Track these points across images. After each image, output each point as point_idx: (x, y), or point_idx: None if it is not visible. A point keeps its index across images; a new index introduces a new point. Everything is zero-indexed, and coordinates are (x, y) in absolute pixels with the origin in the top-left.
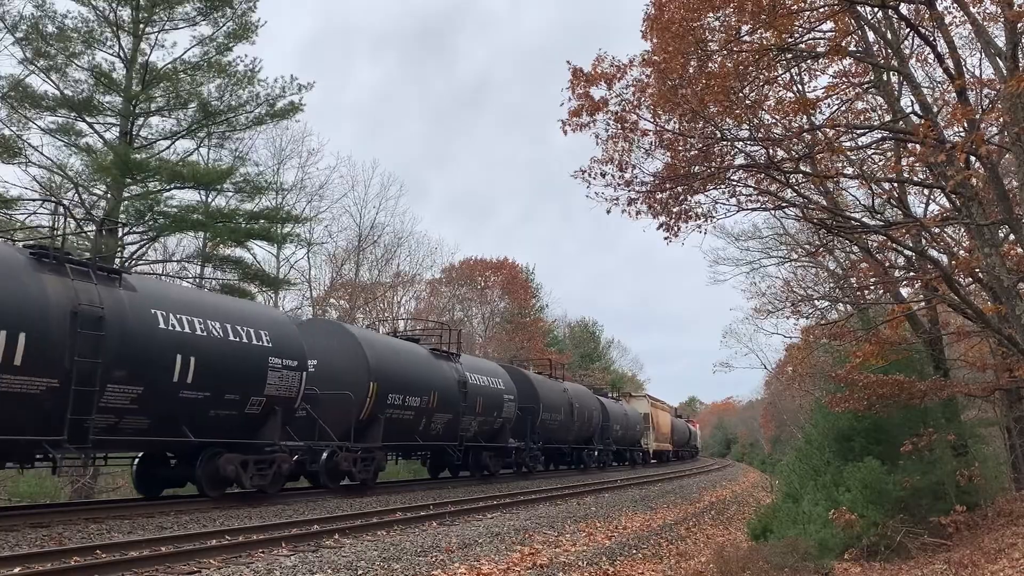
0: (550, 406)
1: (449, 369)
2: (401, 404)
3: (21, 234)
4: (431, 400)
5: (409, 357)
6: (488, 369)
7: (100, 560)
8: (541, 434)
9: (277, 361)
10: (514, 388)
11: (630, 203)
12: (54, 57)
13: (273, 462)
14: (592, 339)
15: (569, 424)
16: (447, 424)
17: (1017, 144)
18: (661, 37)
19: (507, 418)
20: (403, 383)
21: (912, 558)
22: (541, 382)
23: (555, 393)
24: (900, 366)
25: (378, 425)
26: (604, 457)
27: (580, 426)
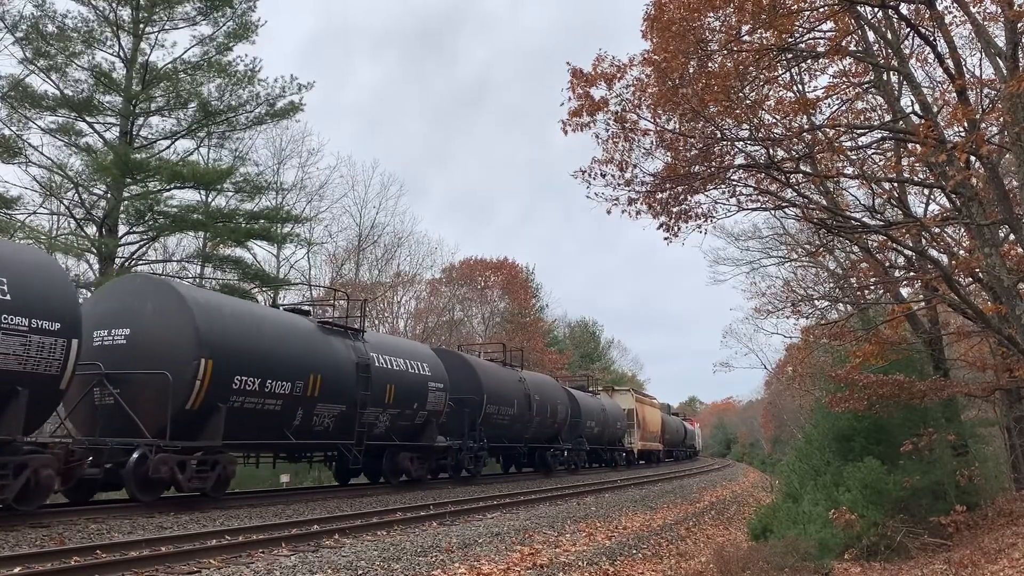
0: (498, 397)
1: (344, 348)
2: (257, 390)
3: (21, 234)
4: (310, 386)
5: (274, 329)
6: (406, 350)
7: (100, 560)
8: (486, 431)
9: (20, 321)
10: (444, 375)
11: (630, 203)
12: (54, 57)
13: (24, 466)
14: (592, 339)
15: (525, 419)
16: (339, 418)
17: (1017, 144)
18: (661, 37)
19: (433, 411)
20: (260, 362)
21: (912, 558)
22: (486, 369)
23: (506, 383)
24: (900, 366)
25: (218, 417)
26: (575, 458)
27: (541, 422)
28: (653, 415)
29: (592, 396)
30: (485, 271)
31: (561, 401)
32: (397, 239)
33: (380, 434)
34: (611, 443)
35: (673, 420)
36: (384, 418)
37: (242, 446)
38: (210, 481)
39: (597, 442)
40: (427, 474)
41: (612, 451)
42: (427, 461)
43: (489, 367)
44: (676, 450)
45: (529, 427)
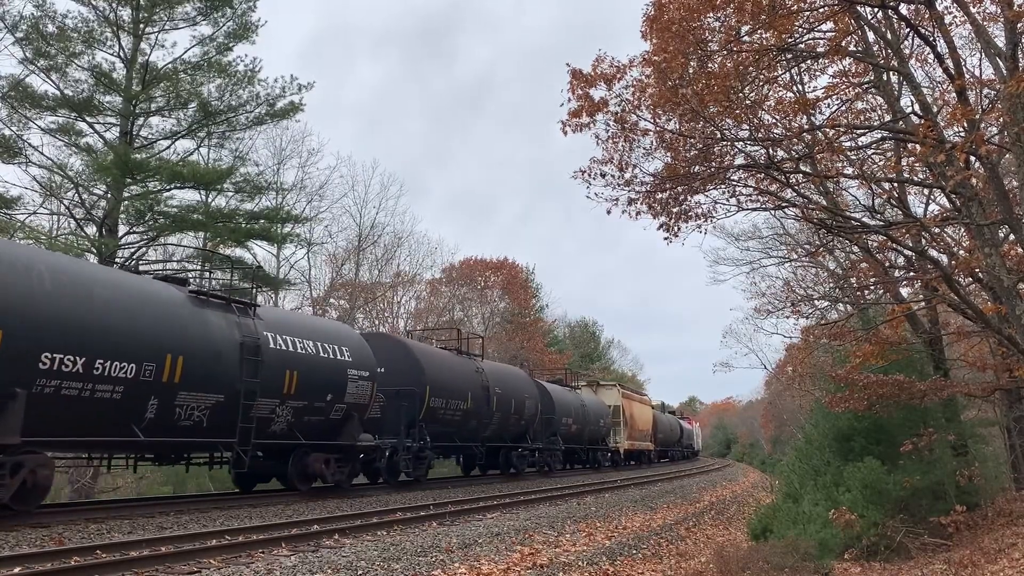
0: (446, 389)
1: (224, 324)
2: (82, 372)
3: (21, 233)
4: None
5: (113, 296)
6: (317, 330)
7: (100, 560)
8: (431, 428)
9: None
10: (372, 362)
11: (630, 203)
12: (54, 57)
13: None
14: (592, 339)
15: (483, 416)
16: (216, 411)
17: (1017, 144)
18: (661, 37)
19: (355, 404)
20: (86, 335)
21: (912, 558)
22: (431, 357)
23: (457, 373)
24: (900, 366)
25: (13, 406)
26: (548, 459)
27: (504, 419)
28: (643, 412)
29: (570, 391)
30: (485, 271)
31: (530, 395)
32: (397, 239)
33: (280, 431)
34: (593, 442)
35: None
36: (284, 412)
37: (64, 444)
38: (7, 490)
39: (575, 441)
40: (348, 479)
41: (594, 451)
42: (348, 464)
43: (435, 355)
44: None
45: (488, 424)
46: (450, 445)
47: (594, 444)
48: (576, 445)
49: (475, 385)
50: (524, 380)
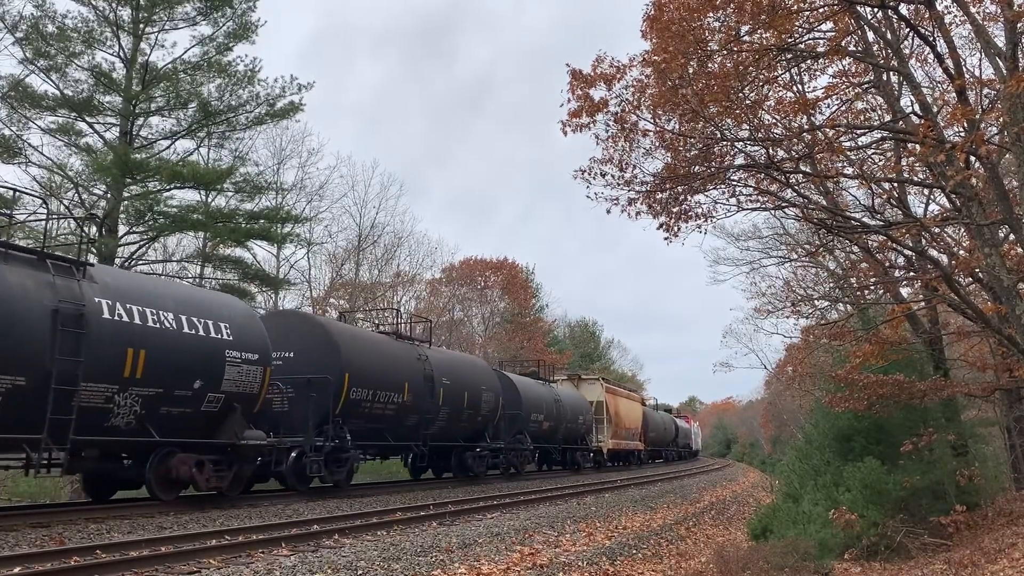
0: (372, 379)
1: (30, 286)
2: None
3: (21, 233)
4: None
5: None
6: (182, 300)
7: (100, 560)
8: (353, 425)
9: None
10: (264, 342)
11: (630, 203)
12: (54, 57)
13: None
14: (592, 339)
15: (426, 410)
16: (15, 398)
17: (1017, 144)
18: (661, 37)
19: (237, 393)
20: None
21: (912, 558)
22: (354, 339)
23: (390, 359)
24: (900, 366)
25: None
26: (513, 460)
27: (454, 415)
28: (631, 409)
29: (543, 385)
30: (485, 271)
31: (489, 388)
32: (397, 239)
33: (120, 426)
34: (571, 441)
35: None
36: (127, 401)
37: None
38: None
39: (548, 440)
40: (233, 485)
41: (572, 451)
42: (231, 467)
43: (361, 338)
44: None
45: (433, 421)
46: (382, 444)
47: (572, 443)
48: (549, 444)
49: (415, 374)
50: (481, 370)
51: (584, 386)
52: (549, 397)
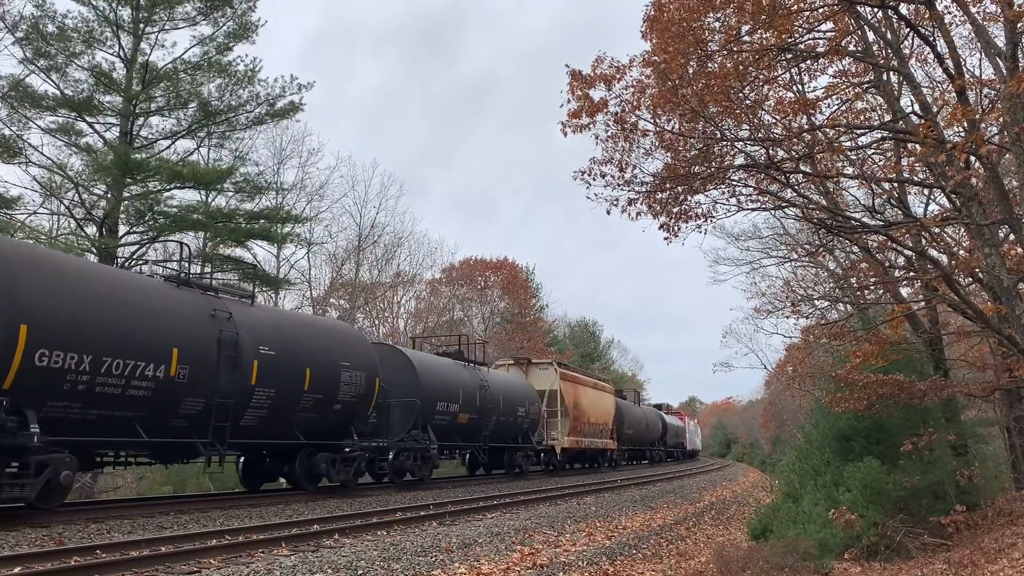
0: (100, 344)
1: None
2: None
3: (21, 234)
4: None
5: None
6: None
7: (100, 560)
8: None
9: None
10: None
11: (630, 203)
12: (54, 57)
13: None
14: (592, 339)
15: (228, 394)
16: None
17: (1017, 144)
18: (661, 37)
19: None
20: None
21: (912, 558)
22: (55, 276)
23: (145, 317)
24: (900, 366)
25: None
26: (405, 464)
27: (285, 404)
28: (597, 401)
29: (465, 367)
30: (485, 271)
31: (358, 367)
32: (397, 239)
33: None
34: (505, 438)
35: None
36: None
37: None
38: None
39: (468, 437)
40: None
41: (512, 451)
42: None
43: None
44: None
45: (242, 408)
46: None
47: (509, 441)
48: (470, 443)
49: (203, 340)
50: (347, 342)
51: (534, 372)
52: (470, 382)
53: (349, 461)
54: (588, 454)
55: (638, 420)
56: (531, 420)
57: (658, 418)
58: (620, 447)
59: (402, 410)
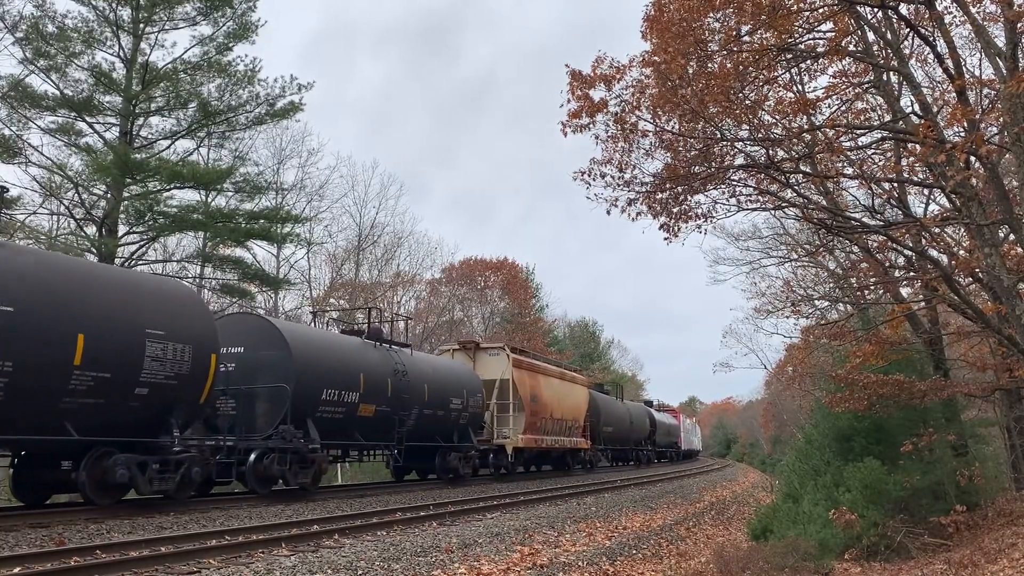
0: None
1: None
2: None
3: (21, 234)
4: None
5: None
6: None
7: (100, 560)
8: None
9: None
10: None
11: (630, 203)
12: (54, 57)
13: None
14: (592, 339)
15: None
16: None
17: (1017, 144)
18: (661, 38)
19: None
20: None
21: (912, 558)
22: None
23: None
24: (900, 366)
25: None
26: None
27: (43, 384)
28: (565, 394)
29: (375, 347)
30: (485, 271)
31: (179, 336)
32: (397, 239)
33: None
34: (434, 435)
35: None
36: None
37: None
38: None
39: (379, 435)
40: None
41: (446, 451)
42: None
43: None
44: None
45: None
46: None
47: (444, 440)
48: (379, 442)
49: None
50: (146, 296)
51: (483, 359)
52: (379, 367)
53: (170, 465)
54: (554, 455)
55: (619, 417)
56: (472, 414)
57: (645, 415)
58: (596, 447)
59: (269, 399)
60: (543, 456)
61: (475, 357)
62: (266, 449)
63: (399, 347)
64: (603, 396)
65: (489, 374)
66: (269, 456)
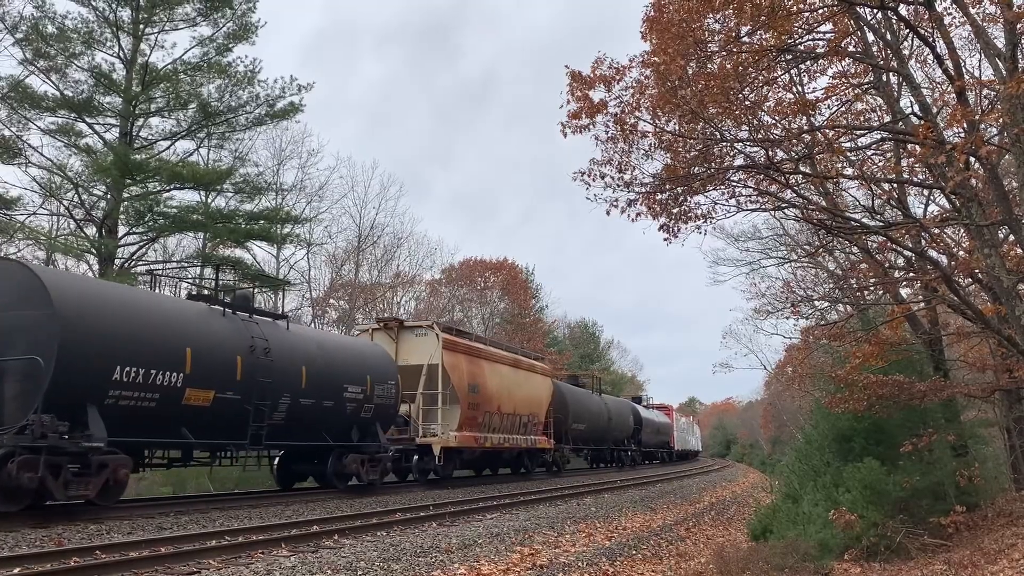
0: None
1: None
2: None
3: (21, 234)
4: None
5: None
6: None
7: (100, 560)
8: None
9: None
10: None
11: (629, 204)
12: (54, 58)
13: None
14: (592, 339)
15: None
16: None
17: (1017, 145)
18: (660, 38)
19: None
20: None
21: (912, 559)
22: None
23: None
24: (900, 367)
25: None
26: (20, 476)
27: None
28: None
29: (223, 315)
30: (485, 271)
31: None
32: (397, 239)
33: None
34: (328, 434)
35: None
36: None
37: None
38: None
39: (224, 432)
40: None
41: (341, 453)
42: None
43: None
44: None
45: None
46: None
47: (338, 438)
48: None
49: None
50: None
51: (407, 340)
52: (226, 340)
53: None
54: (506, 456)
55: (594, 412)
56: (380, 406)
57: (628, 411)
58: (563, 446)
59: (20, 376)
60: (492, 458)
61: (399, 338)
62: (12, 449)
63: (267, 318)
64: (573, 388)
65: (415, 358)
66: (14, 460)
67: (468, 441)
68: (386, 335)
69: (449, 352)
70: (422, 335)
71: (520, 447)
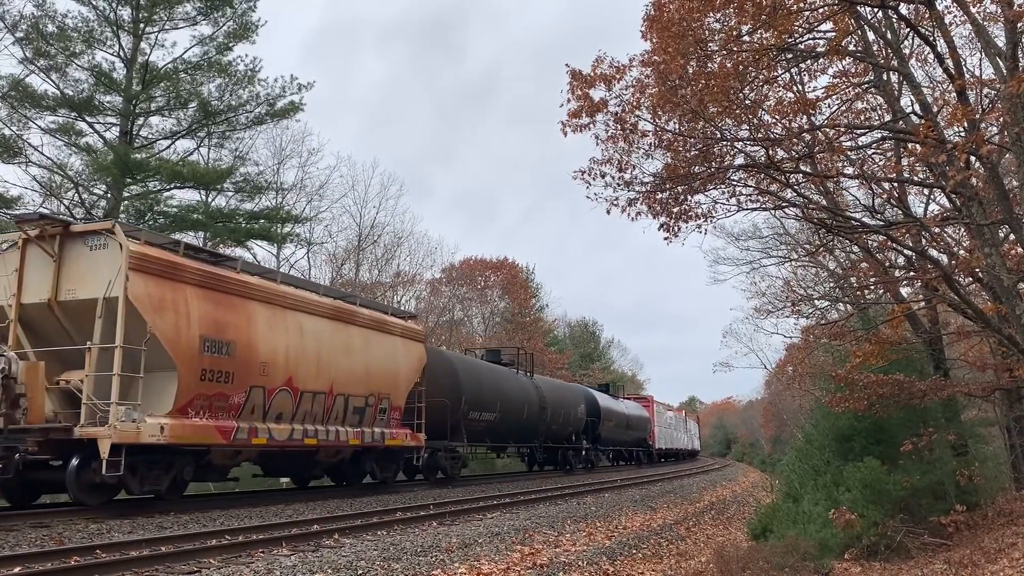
0: None
1: None
2: None
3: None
4: None
5: None
6: None
7: (100, 560)
8: None
9: None
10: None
11: (630, 203)
12: (54, 57)
13: None
14: (592, 339)
15: None
16: None
17: (1017, 144)
18: (661, 37)
19: None
20: None
21: (912, 558)
22: None
23: None
24: (900, 366)
25: None
26: None
27: None
28: (344, 346)
29: None
30: (485, 271)
31: None
32: (397, 239)
33: None
34: None
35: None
36: None
37: None
38: None
39: None
40: None
41: None
42: None
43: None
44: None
45: None
46: None
47: None
48: None
49: None
50: None
51: (76, 260)
52: None
53: None
54: (323, 461)
55: (514, 398)
56: None
57: (579, 400)
58: (449, 443)
59: None
60: (292, 462)
61: (62, 256)
62: None
63: None
64: (472, 362)
65: (87, 290)
66: None
67: (202, 434)
68: (39, 249)
69: (147, 277)
70: (99, 248)
71: (346, 445)
